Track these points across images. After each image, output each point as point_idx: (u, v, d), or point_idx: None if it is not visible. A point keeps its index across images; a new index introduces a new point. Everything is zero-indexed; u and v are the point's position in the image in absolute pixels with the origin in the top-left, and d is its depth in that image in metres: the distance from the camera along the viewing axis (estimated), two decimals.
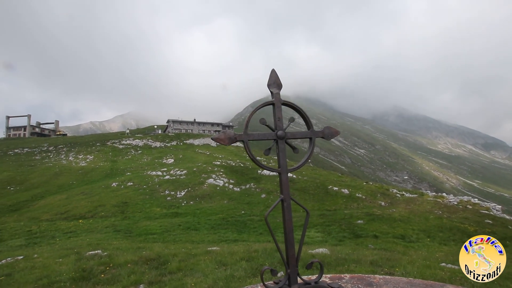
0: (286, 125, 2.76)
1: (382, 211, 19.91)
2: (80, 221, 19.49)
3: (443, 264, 5.03)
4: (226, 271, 4.49)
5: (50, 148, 63.24)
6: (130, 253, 6.64)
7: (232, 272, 4.38)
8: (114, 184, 32.07)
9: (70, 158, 53.91)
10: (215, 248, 6.73)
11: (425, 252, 10.77)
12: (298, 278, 2.47)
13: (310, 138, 2.84)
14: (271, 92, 2.73)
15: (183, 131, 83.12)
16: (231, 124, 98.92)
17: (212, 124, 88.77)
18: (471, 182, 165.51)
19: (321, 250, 6.55)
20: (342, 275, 3.12)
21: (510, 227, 16.73)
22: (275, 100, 2.70)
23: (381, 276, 3.02)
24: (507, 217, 21.77)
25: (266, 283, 2.32)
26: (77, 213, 22.45)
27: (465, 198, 28.51)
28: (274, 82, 2.76)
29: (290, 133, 2.79)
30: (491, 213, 21.99)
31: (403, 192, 30.35)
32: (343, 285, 2.82)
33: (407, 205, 22.67)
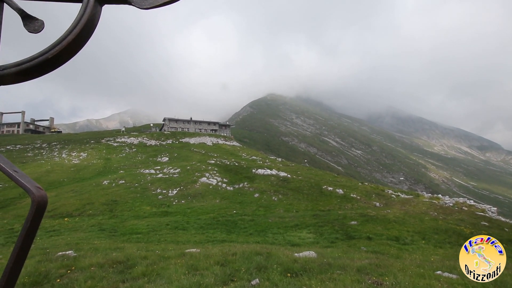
0: None
1: (376, 212, 19.50)
2: (66, 219, 18.86)
3: (439, 272, 4.54)
4: (194, 277, 3.99)
5: (44, 145, 62.24)
6: (101, 255, 6.11)
7: (200, 278, 3.89)
8: (105, 182, 31.42)
9: (63, 155, 53.07)
10: (193, 250, 6.23)
11: (420, 255, 10.33)
12: None
13: None
14: None
15: (179, 129, 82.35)
16: (228, 123, 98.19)
17: (209, 123, 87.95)
18: (466, 184, 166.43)
19: (307, 253, 6.06)
20: None
21: (507, 230, 16.39)
22: None
23: None
24: (503, 219, 21.51)
25: None
26: (64, 211, 21.79)
27: (461, 199, 28.23)
28: None
29: None
30: (487, 215, 21.69)
31: (399, 193, 30.02)
32: None
33: (402, 206, 22.29)
